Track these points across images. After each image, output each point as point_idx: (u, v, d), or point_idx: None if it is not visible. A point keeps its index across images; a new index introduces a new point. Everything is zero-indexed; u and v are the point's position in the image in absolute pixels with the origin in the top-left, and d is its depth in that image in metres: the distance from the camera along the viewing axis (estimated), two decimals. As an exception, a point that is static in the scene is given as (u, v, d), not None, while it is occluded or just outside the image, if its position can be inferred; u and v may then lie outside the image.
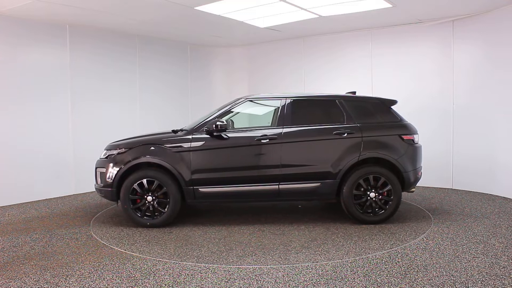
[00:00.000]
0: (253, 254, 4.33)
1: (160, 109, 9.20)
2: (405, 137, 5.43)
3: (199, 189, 5.34)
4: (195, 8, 6.53)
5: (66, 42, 7.54)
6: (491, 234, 4.86)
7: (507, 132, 6.73)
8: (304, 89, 9.10)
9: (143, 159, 5.33)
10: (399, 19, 7.53)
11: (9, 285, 3.61)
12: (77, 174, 7.75)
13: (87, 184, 7.84)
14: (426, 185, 7.66)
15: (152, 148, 5.40)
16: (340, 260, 4.08)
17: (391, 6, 6.58)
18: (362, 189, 5.32)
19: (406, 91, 7.83)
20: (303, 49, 9.18)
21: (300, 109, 5.57)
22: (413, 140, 5.49)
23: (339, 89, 7.60)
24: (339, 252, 4.32)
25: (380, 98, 5.70)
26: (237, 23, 7.61)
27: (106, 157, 5.55)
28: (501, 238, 4.71)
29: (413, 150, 5.47)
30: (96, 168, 5.68)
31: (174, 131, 5.60)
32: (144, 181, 5.33)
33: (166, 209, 5.36)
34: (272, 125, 5.51)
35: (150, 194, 5.35)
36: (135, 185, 5.33)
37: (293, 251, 4.37)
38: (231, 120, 5.97)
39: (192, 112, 9.72)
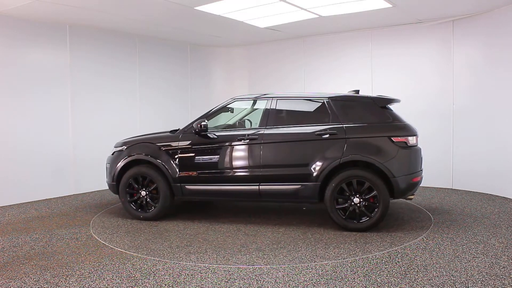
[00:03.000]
0: (204, 252, 4.41)
1: (161, 111, 9.20)
2: (395, 139, 4.99)
3: (186, 186, 5.57)
4: (195, 8, 6.53)
5: (66, 42, 7.55)
6: (491, 234, 4.86)
7: (507, 132, 6.73)
8: (304, 89, 9.10)
9: (136, 156, 5.73)
10: (399, 19, 7.53)
11: (9, 285, 3.61)
12: (77, 174, 7.75)
13: (87, 184, 7.87)
14: (426, 185, 7.65)
15: (146, 146, 5.77)
16: (341, 260, 4.08)
17: (391, 6, 6.58)
18: (347, 194, 5.02)
19: (406, 91, 7.82)
20: (303, 49, 9.18)
21: (285, 110, 5.55)
22: (406, 143, 5.02)
23: (339, 89, 7.59)
24: (286, 258, 4.18)
25: (373, 97, 5.34)
26: (237, 23, 7.61)
27: (112, 154, 6.02)
28: (501, 238, 4.71)
29: (406, 153, 5.03)
30: (106, 164, 6.14)
31: (172, 131, 5.89)
32: (139, 176, 5.71)
33: (157, 204, 5.69)
34: (256, 125, 5.51)
35: (144, 189, 5.72)
36: (131, 180, 5.73)
37: (242, 253, 4.36)
38: (248, 119, 6.02)
39: (192, 113, 9.71)
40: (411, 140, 5.09)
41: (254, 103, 6.03)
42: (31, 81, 7.09)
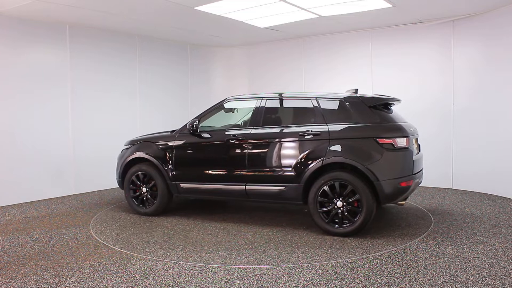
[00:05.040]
0: (174, 248, 4.54)
1: (161, 111, 9.20)
2: (381, 140, 4.70)
3: (180, 184, 5.75)
4: (195, 8, 6.53)
5: (66, 42, 7.54)
6: (491, 234, 4.86)
7: (507, 132, 6.73)
8: (304, 89, 9.10)
9: (137, 155, 6.02)
10: (399, 19, 7.53)
11: (9, 285, 3.61)
12: (77, 174, 7.75)
13: (87, 184, 7.87)
14: (426, 185, 7.66)
15: (147, 145, 6.04)
16: (340, 260, 4.08)
17: (391, 6, 6.57)
18: (330, 197, 4.84)
19: (407, 91, 7.82)
20: (303, 49, 9.18)
21: (273, 109, 5.53)
22: (392, 144, 4.70)
23: (339, 89, 7.59)
24: (247, 259, 4.18)
25: (361, 96, 5.07)
26: (237, 23, 7.61)
27: (121, 151, 6.37)
28: (501, 238, 4.71)
29: (394, 156, 4.74)
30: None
31: (172, 131, 6.09)
32: (140, 174, 6.01)
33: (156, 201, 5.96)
34: (246, 125, 5.52)
35: (145, 186, 6.01)
36: (134, 177, 6.04)
37: (209, 251, 4.44)
38: None
39: (193, 114, 9.70)
40: (400, 142, 4.76)
41: (248, 103, 6.00)
42: (31, 81, 7.09)
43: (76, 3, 6.22)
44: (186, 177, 5.72)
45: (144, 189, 6.00)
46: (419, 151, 5.49)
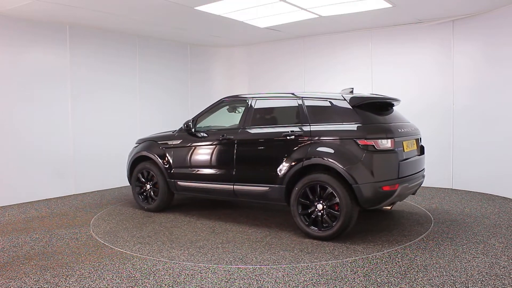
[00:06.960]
0: (151, 244, 4.69)
1: (161, 112, 9.20)
2: (360, 141, 4.49)
3: (178, 182, 5.92)
4: (195, 8, 6.53)
5: (66, 42, 7.54)
6: (491, 234, 4.86)
7: (507, 132, 6.73)
8: (304, 88, 9.10)
9: (142, 153, 6.27)
10: (399, 19, 7.53)
11: (9, 285, 3.61)
12: (77, 174, 7.75)
13: (87, 184, 7.87)
14: (426, 185, 7.65)
15: (150, 144, 6.27)
16: (340, 260, 4.08)
17: (391, 6, 6.57)
18: (311, 199, 4.74)
19: (407, 91, 7.81)
20: (303, 49, 9.18)
21: (262, 109, 5.52)
22: (374, 146, 4.48)
23: (339, 89, 7.58)
24: (210, 257, 4.22)
25: (345, 96, 4.89)
26: (237, 23, 7.61)
27: (132, 149, 6.61)
28: (501, 238, 4.71)
29: (375, 158, 4.49)
30: None
31: (174, 131, 6.25)
32: (144, 171, 6.26)
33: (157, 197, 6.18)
34: (237, 125, 5.53)
35: (148, 183, 6.25)
36: (139, 174, 6.30)
37: (181, 247, 4.54)
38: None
39: (192, 114, 9.71)
40: (382, 143, 4.51)
41: (241, 103, 5.94)
42: (31, 81, 7.08)
43: (76, 3, 6.22)
44: (182, 175, 5.87)
45: (148, 186, 6.24)
46: (422, 153, 5.38)
